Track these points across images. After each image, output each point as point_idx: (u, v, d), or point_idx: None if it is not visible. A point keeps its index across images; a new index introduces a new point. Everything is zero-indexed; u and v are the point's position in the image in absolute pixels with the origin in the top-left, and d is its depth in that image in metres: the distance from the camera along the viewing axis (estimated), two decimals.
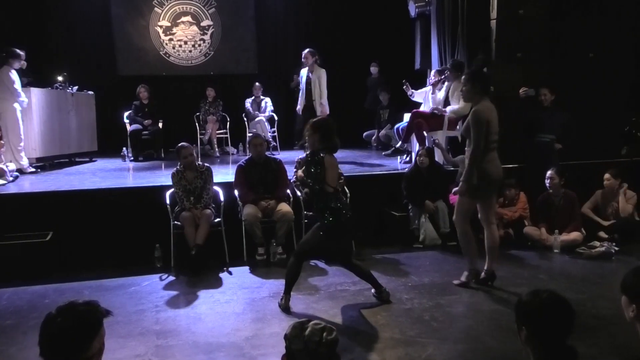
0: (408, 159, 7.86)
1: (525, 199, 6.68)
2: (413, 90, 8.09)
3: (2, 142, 7.34)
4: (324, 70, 8.30)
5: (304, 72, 8.37)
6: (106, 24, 11.05)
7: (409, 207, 6.57)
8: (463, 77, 4.97)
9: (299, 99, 8.47)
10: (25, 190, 6.62)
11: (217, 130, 10.26)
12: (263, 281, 5.38)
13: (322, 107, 8.17)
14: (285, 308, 4.54)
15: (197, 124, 10.25)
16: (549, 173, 6.46)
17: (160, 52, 11.36)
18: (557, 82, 7.45)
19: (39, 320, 2.02)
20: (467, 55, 8.20)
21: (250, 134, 9.69)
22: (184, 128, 10.18)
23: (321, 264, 5.85)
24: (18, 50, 7.66)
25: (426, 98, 8.01)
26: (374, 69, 10.73)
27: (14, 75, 7.52)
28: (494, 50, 7.75)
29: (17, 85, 7.54)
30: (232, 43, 11.55)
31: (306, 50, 8.32)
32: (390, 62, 10.70)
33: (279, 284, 5.20)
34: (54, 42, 10.74)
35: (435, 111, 7.57)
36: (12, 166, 7.31)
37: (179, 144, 6.14)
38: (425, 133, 7.48)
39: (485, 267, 5.08)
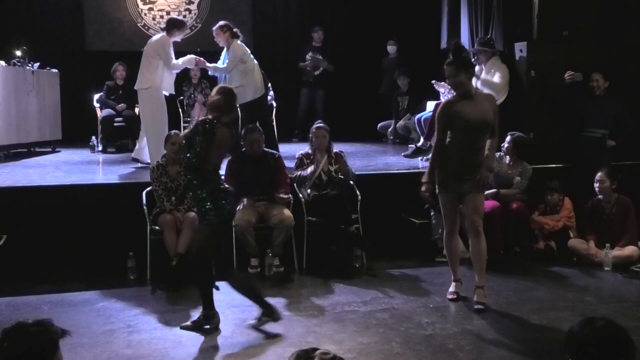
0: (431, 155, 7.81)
1: (571, 206, 6.66)
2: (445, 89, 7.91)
3: None
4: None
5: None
6: None
7: (431, 214, 6.55)
8: (451, 67, 5.00)
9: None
10: None
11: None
12: None
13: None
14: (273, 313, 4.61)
15: (180, 109, 10.22)
16: (598, 175, 6.43)
17: (138, 24, 11.33)
18: (612, 66, 7.41)
19: None
20: (504, 32, 8.18)
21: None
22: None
23: (326, 279, 5.83)
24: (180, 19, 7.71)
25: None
26: (391, 48, 10.68)
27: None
28: (535, 27, 7.73)
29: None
30: (223, 14, 11.46)
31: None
32: (410, 39, 10.67)
33: (274, 302, 5.17)
34: (12, 11, 10.72)
35: None
36: None
37: (171, 131, 6.23)
38: None
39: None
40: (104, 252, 6.02)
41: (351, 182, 6.48)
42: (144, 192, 6.03)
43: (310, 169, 6.39)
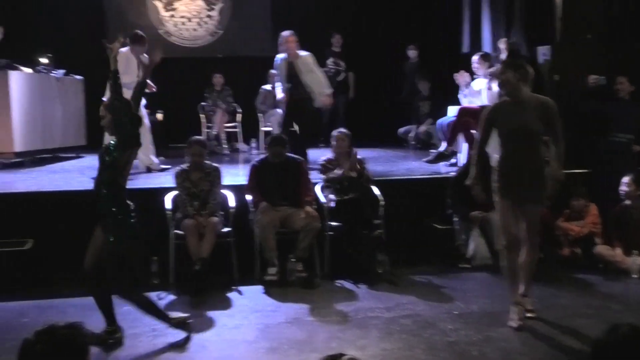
0: (454, 161, 7.81)
1: (597, 212, 6.57)
2: (466, 91, 7.90)
3: None
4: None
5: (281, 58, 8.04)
6: None
7: (454, 219, 6.52)
8: (502, 65, 5.00)
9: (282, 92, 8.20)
10: (2, 191, 6.71)
11: (226, 123, 10.31)
12: (279, 304, 5.38)
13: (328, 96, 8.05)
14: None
15: (202, 115, 10.30)
16: (624, 180, 6.37)
17: (160, 31, 11.43)
18: (636, 69, 7.34)
19: (16, 342, 2.07)
20: (525, 36, 8.14)
21: (266, 128, 9.73)
22: (187, 120, 10.24)
23: (348, 285, 5.84)
24: (140, 33, 7.82)
25: (472, 92, 7.94)
26: (412, 53, 10.67)
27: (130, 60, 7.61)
28: (558, 30, 7.68)
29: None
30: (243, 21, 11.58)
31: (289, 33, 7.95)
32: (432, 44, 10.64)
33: (297, 308, 5.24)
34: (37, 19, 10.86)
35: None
36: None
37: (193, 138, 6.26)
38: (474, 132, 7.42)
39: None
40: None
41: (370, 185, 6.47)
42: (167, 197, 6.06)
43: (338, 171, 6.39)
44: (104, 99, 7.09)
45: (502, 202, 4.85)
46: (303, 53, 7.92)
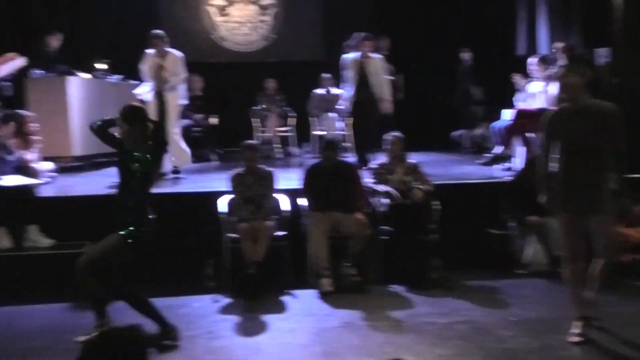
0: (510, 165, 7.72)
1: None
2: (523, 94, 7.85)
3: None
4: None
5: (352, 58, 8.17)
6: (150, 4, 11.38)
7: (509, 224, 6.44)
8: (563, 68, 4.86)
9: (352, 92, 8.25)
10: (62, 194, 6.92)
11: (279, 127, 10.39)
12: (332, 308, 5.41)
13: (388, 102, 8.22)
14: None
15: (255, 120, 10.41)
16: None
17: (212, 36, 11.60)
18: None
19: (74, 342, 2.11)
20: (583, 38, 8.00)
21: (319, 132, 9.76)
22: (240, 124, 10.36)
23: (402, 290, 5.83)
24: (154, 32, 8.01)
25: (529, 95, 7.84)
26: (465, 55, 10.57)
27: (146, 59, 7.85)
28: (616, 33, 7.53)
29: (145, 71, 7.84)
30: (296, 25, 11.65)
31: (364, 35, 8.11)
32: (485, 46, 10.53)
33: (351, 312, 5.26)
34: (94, 26, 11.14)
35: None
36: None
37: (245, 142, 6.37)
38: (530, 135, 7.32)
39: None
40: (182, 259, 6.16)
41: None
42: (221, 200, 6.15)
43: (381, 187, 6.37)
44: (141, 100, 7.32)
45: (562, 215, 4.64)
46: (375, 55, 8.11)
